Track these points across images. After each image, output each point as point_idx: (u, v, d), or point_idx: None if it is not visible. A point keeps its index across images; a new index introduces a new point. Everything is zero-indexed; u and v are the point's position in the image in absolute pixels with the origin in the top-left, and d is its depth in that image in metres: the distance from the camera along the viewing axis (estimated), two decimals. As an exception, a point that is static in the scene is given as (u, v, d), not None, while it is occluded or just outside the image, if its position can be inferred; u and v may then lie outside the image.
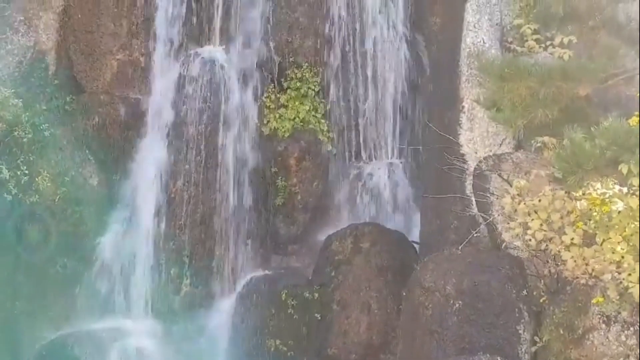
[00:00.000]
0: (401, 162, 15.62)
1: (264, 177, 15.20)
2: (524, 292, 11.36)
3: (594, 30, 12.02)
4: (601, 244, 9.68)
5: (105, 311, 14.95)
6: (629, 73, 11.12)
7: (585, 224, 9.96)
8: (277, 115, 15.15)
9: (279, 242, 15.39)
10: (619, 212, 9.64)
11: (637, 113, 9.54)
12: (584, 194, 10.02)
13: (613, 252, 9.58)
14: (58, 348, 14.23)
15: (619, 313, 10.02)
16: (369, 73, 15.56)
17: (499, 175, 12.02)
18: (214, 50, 15.57)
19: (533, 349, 11.06)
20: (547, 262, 11.02)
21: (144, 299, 14.88)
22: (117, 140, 15.40)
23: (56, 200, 14.75)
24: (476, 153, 12.93)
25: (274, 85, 15.33)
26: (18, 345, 14.54)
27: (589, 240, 9.93)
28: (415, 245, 14.48)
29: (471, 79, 13.00)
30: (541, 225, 10.05)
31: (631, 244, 9.53)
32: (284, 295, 14.20)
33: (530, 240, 10.17)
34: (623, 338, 10.08)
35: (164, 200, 15.00)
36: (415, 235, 14.68)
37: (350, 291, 13.76)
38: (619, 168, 9.47)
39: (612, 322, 10.17)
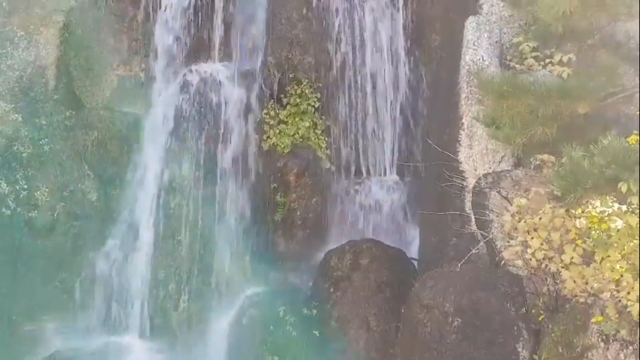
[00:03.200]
0: (400, 179, 15.62)
1: (263, 193, 15.19)
2: (523, 310, 11.36)
3: (593, 49, 12.05)
4: (600, 262, 9.66)
5: (103, 327, 14.94)
6: (628, 91, 11.14)
7: (585, 242, 9.94)
8: (277, 131, 15.15)
9: (277, 258, 15.36)
10: (618, 230, 9.62)
11: (636, 132, 9.54)
12: (583, 212, 10.00)
13: (612, 270, 9.55)
14: (55, 364, 14.23)
15: (618, 331, 9.99)
16: (368, 89, 15.57)
17: (498, 192, 12.01)
18: (213, 66, 15.62)
19: (532, 366, 11.06)
20: (546, 280, 11.01)
21: (142, 314, 14.86)
22: (116, 156, 15.42)
23: (55, 215, 14.77)
24: (475, 170, 12.93)
25: (274, 102, 15.34)
26: (15, 361, 14.54)
27: (588, 258, 9.91)
28: (414, 261, 14.48)
29: (471, 97, 13.02)
30: (541, 244, 10.04)
31: (630, 262, 9.51)
32: (282, 311, 14.18)
33: (530, 259, 10.16)
34: (622, 357, 10.04)
35: (163, 216, 15.00)
36: (413, 251, 14.69)
37: (349, 308, 13.74)
38: (618, 186, 9.46)
39: (611, 341, 10.14)
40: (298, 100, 15.22)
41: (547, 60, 12.45)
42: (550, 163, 11.09)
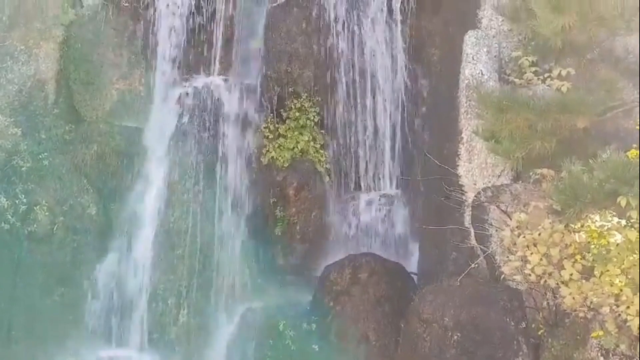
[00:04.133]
0: (400, 193, 15.59)
1: (263, 207, 15.17)
2: (523, 324, 11.35)
3: (592, 63, 12.09)
4: (599, 277, 9.66)
5: (102, 341, 14.89)
6: (627, 106, 11.17)
7: (584, 257, 9.93)
8: (276, 145, 15.14)
9: (277, 272, 15.32)
10: (618, 244, 9.62)
11: (635, 146, 9.57)
12: (582, 227, 10.00)
13: (611, 285, 9.55)
14: (54, 378, 14.21)
15: (618, 346, 9.98)
16: (368, 103, 15.57)
17: (498, 206, 12.02)
18: (213, 80, 15.63)
19: (532, 381, 11.04)
20: (546, 294, 11.01)
21: (141, 328, 14.81)
22: (116, 170, 15.41)
23: (54, 229, 14.75)
24: (475, 184, 12.93)
25: (273, 115, 15.32)
26: (14, 376, 14.50)
27: (587, 273, 9.90)
28: (414, 276, 14.46)
29: (470, 111, 13.03)
30: (540, 259, 10.03)
31: (630, 276, 9.51)
32: (281, 325, 14.14)
33: (529, 275, 10.16)
34: (622, 371, 10.05)
35: (163, 230, 14.97)
36: (413, 266, 14.67)
37: (349, 322, 13.70)
38: (618, 201, 9.48)
39: (610, 355, 10.14)
40: (297, 114, 15.21)
41: (546, 75, 12.47)
42: (549, 177, 11.09)
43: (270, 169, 15.15)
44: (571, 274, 9.87)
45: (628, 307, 9.47)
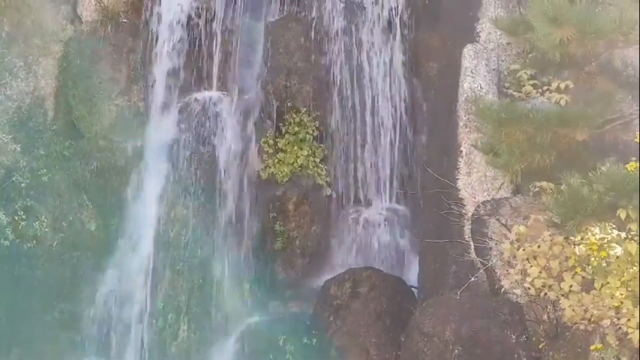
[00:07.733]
0: (399, 207, 15.60)
1: (262, 221, 15.17)
2: (523, 337, 11.31)
3: (590, 76, 12.07)
4: (600, 290, 9.63)
5: (102, 357, 14.87)
6: (626, 118, 11.15)
7: (584, 270, 9.90)
8: (276, 160, 15.16)
9: (277, 287, 15.31)
10: (618, 257, 9.60)
11: (634, 158, 9.55)
12: (582, 239, 9.98)
13: (612, 298, 9.51)
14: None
15: (619, 359, 9.94)
16: (367, 117, 15.59)
17: (497, 220, 12.01)
18: (212, 95, 15.65)
19: (533, 395, 11.00)
20: (546, 307, 10.98)
21: (140, 345, 14.79)
22: (115, 185, 15.41)
23: (54, 245, 14.76)
24: (474, 197, 12.92)
25: (272, 130, 15.35)
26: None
27: (587, 285, 9.87)
28: (414, 289, 14.44)
29: (469, 124, 13.04)
30: (540, 272, 10.01)
31: (630, 289, 9.48)
32: (282, 340, 14.13)
33: (529, 288, 10.13)
34: (623, 384, 10.01)
35: (162, 245, 14.97)
36: (413, 279, 14.65)
37: (349, 337, 13.69)
38: (617, 213, 9.46)
39: (611, 368, 10.11)
40: (297, 128, 15.23)
41: (545, 88, 12.47)
42: (549, 190, 11.08)
43: (269, 183, 15.17)
44: (571, 286, 9.84)
45: (629, 320, 9.43)
